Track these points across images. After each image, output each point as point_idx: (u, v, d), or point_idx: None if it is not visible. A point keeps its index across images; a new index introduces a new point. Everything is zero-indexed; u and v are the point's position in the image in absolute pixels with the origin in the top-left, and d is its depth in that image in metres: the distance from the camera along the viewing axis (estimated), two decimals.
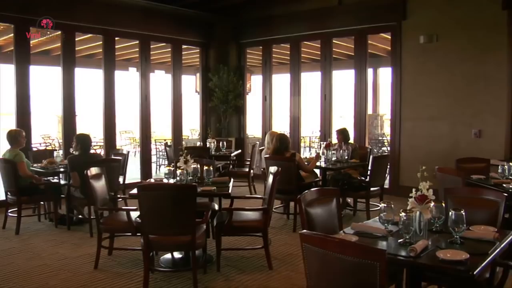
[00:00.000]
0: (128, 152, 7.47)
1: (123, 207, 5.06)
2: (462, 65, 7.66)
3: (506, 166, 5.24)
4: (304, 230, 2.32)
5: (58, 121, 16.98)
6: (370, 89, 16.70)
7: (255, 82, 12.41)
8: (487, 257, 2.45)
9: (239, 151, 9.38)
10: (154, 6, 9.28)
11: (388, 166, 8.86)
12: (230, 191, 4.63)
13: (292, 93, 9.86)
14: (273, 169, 4.77)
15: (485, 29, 7.40)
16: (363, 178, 6.59)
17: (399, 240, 2.68)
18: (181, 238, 4.09)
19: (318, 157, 6.60)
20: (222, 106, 10.48)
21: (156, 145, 12.73)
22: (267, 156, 6.27)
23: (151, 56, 13.52)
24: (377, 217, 3.01)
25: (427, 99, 8.05)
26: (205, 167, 4.97)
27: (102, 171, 5.11)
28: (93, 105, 12.89)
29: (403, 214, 2.61)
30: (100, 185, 4.98)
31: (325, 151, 6.83)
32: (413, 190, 2.85)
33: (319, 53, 9.47)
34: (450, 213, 2.67)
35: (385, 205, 2.84)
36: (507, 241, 2.67)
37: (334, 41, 9.45)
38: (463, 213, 2.65)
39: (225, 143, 8.62)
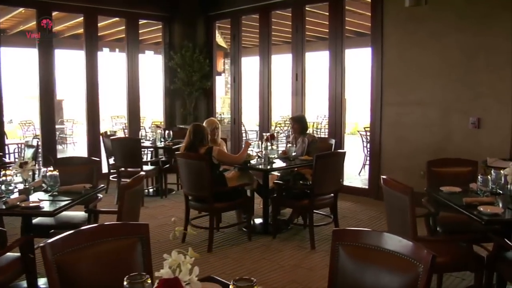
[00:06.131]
0: (38, 143, 6.16)
1: None
2: (459, 35, 5.93)
3: (490, 176, 3.62)
4: None
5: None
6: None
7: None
8: None
9: None
10: None
11: (369, 164, 7.32)
12: (57, 207, 3.20)
13: (262, 72, 8.31)
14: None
15: None
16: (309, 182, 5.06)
17: None
18: None
19: (248, 144, 5.13)
20: (186, 88, 9.05)
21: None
22: (177, 153, 4.82)
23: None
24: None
25: (415, 79, 6.37)
26: (49, 172, 3.56)
27: None
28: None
29: None
30: None
31: (267, 144, 5.32)
32: None
33: (290, 23, 7.84)
34: None
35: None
36: None
37: (307, 8, 7.78)
38: None
39: (171, 132, 7.20)
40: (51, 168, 3.82)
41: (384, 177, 3.48)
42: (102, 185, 4.14)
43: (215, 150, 4.68)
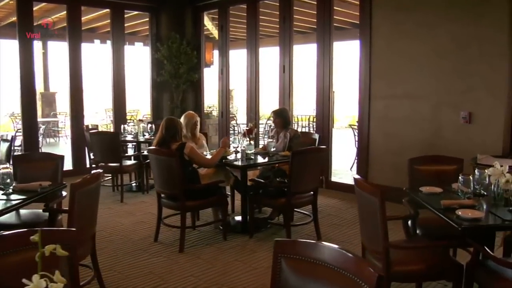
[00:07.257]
0: (13, 137, 5.95)
1: None
2: (450, 25, 5.63)
3: (473, 176, 3.34)
4: None
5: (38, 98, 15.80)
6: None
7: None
8: None
9: None
10: None
11: (357, 159, 7.07)
12: (5, 207, 3.01)
13: (249, 64, 8.04)
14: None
15: None
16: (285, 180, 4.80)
17: None
18: None
19: (225, 144, 4.86)
20: (174, 81, 8.80)
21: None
22: (148, 149, 4.59)
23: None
24: None
25: (404, 71, 6.08)
26: (2, 169, 3.34)
27: None
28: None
29: None
30: None
31: (245, 139, 5.07)
32: None
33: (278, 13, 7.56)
34: None
35: None
36: None
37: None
38: None
39: (153, 126, 6.97)
40: (6, 165, 3.61)
41: (355, 176, 3.22)
42: (64, 183, 3.91)
43: (188, 147, 4.42)
